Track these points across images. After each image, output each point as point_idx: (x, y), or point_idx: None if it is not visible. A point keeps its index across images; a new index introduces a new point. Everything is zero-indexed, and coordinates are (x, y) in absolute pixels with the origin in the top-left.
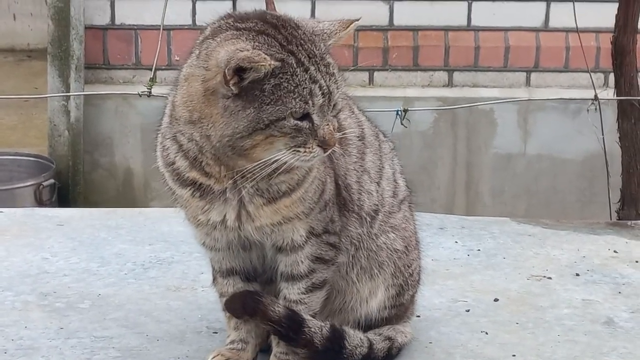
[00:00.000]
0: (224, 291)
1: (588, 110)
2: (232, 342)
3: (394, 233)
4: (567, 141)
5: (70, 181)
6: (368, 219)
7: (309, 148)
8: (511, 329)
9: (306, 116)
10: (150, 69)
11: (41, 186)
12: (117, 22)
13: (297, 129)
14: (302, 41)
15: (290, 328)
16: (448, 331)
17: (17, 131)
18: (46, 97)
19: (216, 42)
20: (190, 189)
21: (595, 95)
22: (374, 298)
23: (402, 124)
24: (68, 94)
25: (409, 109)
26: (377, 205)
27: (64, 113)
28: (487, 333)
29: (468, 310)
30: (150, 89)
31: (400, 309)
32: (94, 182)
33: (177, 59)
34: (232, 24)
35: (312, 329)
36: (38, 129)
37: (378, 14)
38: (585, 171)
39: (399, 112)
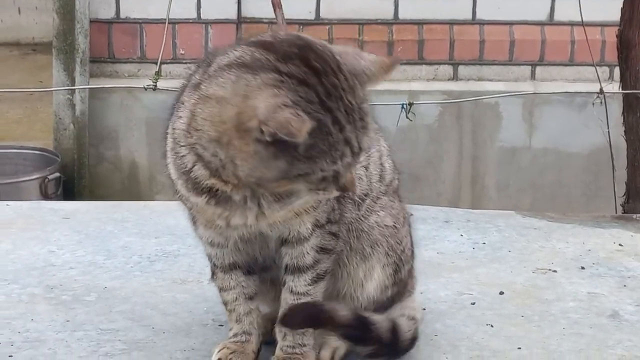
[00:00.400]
0: (225, 286)
1: (593, 104)
2: (235, 335)
3: (383, 211)
4: (572, 135)
5: (76, 174)
6: (359, 201)
7: (329, 192)
8: (517, 321)
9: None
10: (156, 63)
11: (46, 179)
12: (122, 15)
13: (322, 179)
14: (342, 91)
15: (361, 329)
16: (454, 324)
17: (22, 125)
18: (51, 90)
19: (256, 82)
20: (205, 197)
21: (601, 89)
22: (370, 280)
23: (407, 117)
24: (73, 87)
25: (414, 102)
26: (366, 189)
27: (69, 106)
28: (492, 326)
29: (473, 303)
30: (155, 83)
31: (400, 285)
32: (99, 175)
33: (182, 52)
34: (273, 62)
35: (377, 325)
36: (43, 122)
37: (383, 8)
38: (591, 165)
39: (404, 106)
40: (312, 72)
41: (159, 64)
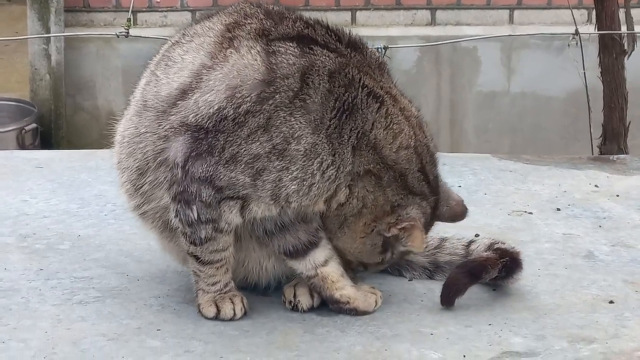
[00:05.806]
0: (225, 246)
1: (569, 45)
2: (225, 284)
3: None
4: (550, 78)
5: (53, 125)
6: None
7: None
8: None
9: None
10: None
11: (24, 130)
12: None
13: None
14: None
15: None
16: None
17: None
18: (26, 38)
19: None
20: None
21: (576, 30)
22: None
23: None
24: (47, 35)
25: (391, 46)
26: None
27: (45, 57)
28: None
29: None
30: (127, 30)
31: None
32: (76, 125)
33: (158, 1)
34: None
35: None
36: (19, 73)
37: None
38: (569, 108)
39: (379, 50)
40: None
41: (130, 10)
